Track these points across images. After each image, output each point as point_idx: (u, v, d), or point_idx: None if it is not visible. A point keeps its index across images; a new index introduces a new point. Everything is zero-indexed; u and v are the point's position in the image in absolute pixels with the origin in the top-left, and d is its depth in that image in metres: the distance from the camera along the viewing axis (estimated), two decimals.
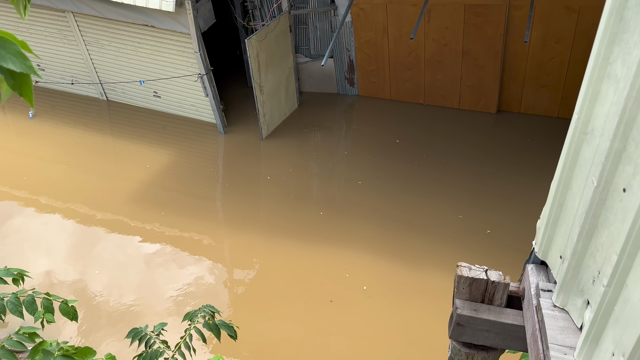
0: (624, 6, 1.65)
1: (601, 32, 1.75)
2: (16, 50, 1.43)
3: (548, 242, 2.22)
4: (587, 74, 1.83)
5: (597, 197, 1.75)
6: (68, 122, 9.79)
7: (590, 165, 1.84)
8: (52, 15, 9.48)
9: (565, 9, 8.39)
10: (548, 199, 2.15)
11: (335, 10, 9.41)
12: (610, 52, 1.73)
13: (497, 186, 8.16)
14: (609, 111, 1.72)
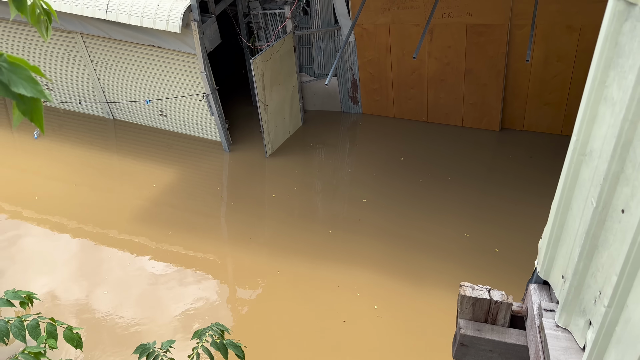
0: (619, 32, 1.70)
1: (597, 56, 1.79)
2: (27, 75, 1.48)
3: (550, 262, 2.24)
4: (585, 96, 1.87)
5: (597, 217, 1.77)
6: (75, 141, 9.89)
7: (589, 186, 1.86)
8: (61, 37, 9.65)
9: (567, 28, 8.48)
10: (549, 219, 2.17)
11: (338, 31, 9.54)
12: (606, 76, 1.77)
13: (503, 203, 8.16)
14: (607, 133, 1.76)
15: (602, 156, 1.79)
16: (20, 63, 1.48)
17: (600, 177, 1.77)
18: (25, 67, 1.49)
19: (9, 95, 1.49)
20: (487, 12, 8.59)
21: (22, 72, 1.46)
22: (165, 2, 8.13)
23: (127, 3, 8.28)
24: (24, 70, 1.47)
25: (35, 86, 1.48)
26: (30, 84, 1.47)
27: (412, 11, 8.88)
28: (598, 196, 1.77)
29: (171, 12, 8.01)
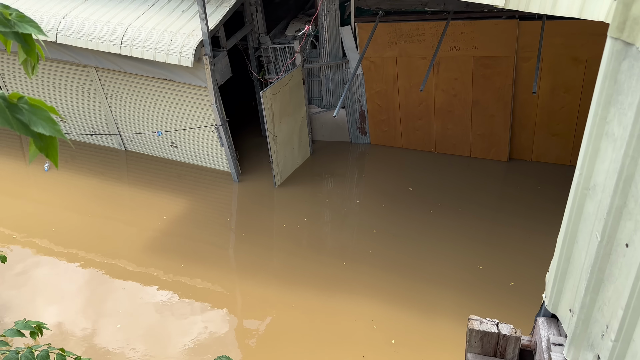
0: (617, 70, 1.75)
1: (597, 92, 1.84)
2: (46, 116, 1.57)
3: (557, 295, 2.24)
4: (587, 131, 1.91)
5: (602, 251, 1.78)
6: (87, 172, 10.03)
7: (594, 220, 1.88)
8: (76, 70, 9.91)
9: (573, 60, 8.58)
10: (555, 252, 2.18)
11: (346, 64, 9.72)
12: (607, 112, 1.81)
13: (515, 234, 8.10)
14: (609, 168, 1.79)
15: (605, 190, 1.82)
16: (39, 104, 1.57)
17: (603, 211, 1.79)
18: (44, 109, 1.58)
19: (28, 133, 1.58)
20: (493, 45, 8.73)
21: (41, 112, 1.55)
22: (178, 37, 8.36)
23: (140, 38, 8.52)
24: (43, 111, 1.55)
25: (53, 126, 1.57)
26: (48, 123, 1.56)
27: (418, 44, 9.04)
28: (602, 230, 1.79)
29: (184, 46, 8.23)
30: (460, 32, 8.72)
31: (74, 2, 9.57)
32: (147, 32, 8.55)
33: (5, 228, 8.78)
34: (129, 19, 8.88)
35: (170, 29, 8.53)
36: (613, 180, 1.74)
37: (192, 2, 9.04)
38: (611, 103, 1.82)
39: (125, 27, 8.72)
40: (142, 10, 9.06)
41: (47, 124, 1.55)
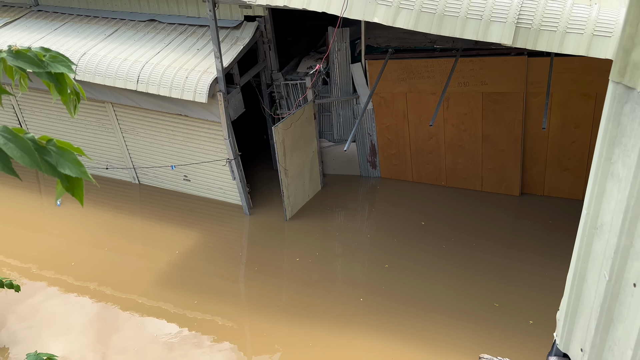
0: (620, 112, 1.80)
1: (601, 134, 1.88)
2: (73, 158, 1.64)
3: (568, 335, 2.23)
4: (592, 171, 1.94)
5: (610, 291, 1.79)
6: (101, 205, 10.17)
7: (602, 259, 1.90)
8: (93, 106, 10.17)
9: (582, 95, 8.65)
10: (565, 291, 2.18)
11: (357, 99, 9.87)
12: (611, 153, 1.85)
13: (530, 270, 8.00)
14: (615, 208, 1.81)
15: (612, 230, 1.84)
16: (66, 147, 1.65)
17: (611, 250, 1.81)
18: (71, 151, 1.66)
19: (56, 174, 1.65)
20: (502, 81, 8.84)
21: (68, 155, 1.63)
22: (193, 74, 8.59)
23: (157, 75, 8.76)
24: (70, 154, 1.63)
25: (79, 168, 1.64)
26: (75, 165, 1.63)
27: (428, 80, 9.18)
28: (610, 269, 1.80)
29: (199, 83, 8.44)
30: (469, 68, 8.86)
31: (93, 40, 9.91)
32: (163, 70, 8.80)
33: (19, 260, 8.88)
34: (146, 57, 9.16)
35: (185, 67, 8.78)
36: (619, 220, 1.77)
37: (207, 40, 9.32)
38: (615, 144, 1.86)
39: (142, 64, 8.98)
40: (159, 49, 9.35)
41: (73, 166, 1.62)
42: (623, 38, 1.76)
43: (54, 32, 10.44)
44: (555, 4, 5.68)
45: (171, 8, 10.15)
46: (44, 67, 1.64)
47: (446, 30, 5.77)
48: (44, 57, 1.66)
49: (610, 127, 1.86)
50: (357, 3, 6.15)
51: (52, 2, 11.28)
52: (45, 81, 1.71)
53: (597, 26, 5.47)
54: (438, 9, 5.75)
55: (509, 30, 5.63)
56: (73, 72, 1.68)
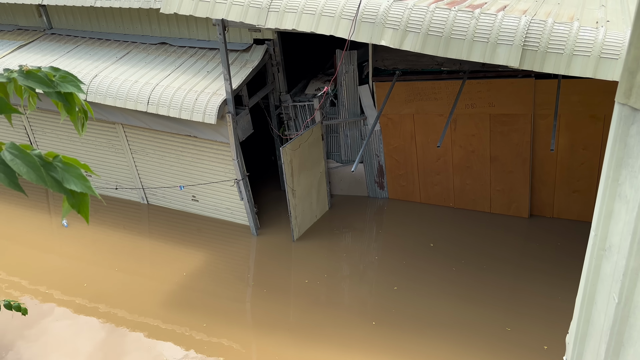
0: (626, 134, 1.80)
1: (608, 155, 1.88)
2: (78, 173, 1.66)
3: (578, 358, 2.19)
4: (600, 193, 1.94)
5: (620, 313, 1.77)
6: (110, 225, 10.22)
7: (611, 281, 1.88)
8: (104, 127, 10.30)
9: (590, 117, 8.64)
10: (574, 314, 2.16)
11: (364, 120, 9.93)
12: (618, 174, 1.85)
13: (543, 293, 7.88)
14: (623, 230, 1.80)
15: (621, 252, 1.82)
16: (72, 162, 1.67)
17: (620, 272, 1.79)
18: (77, 166, 1.67)
19: (62, 190, 1.66)
20: (509, 103, 8.86)
21: (74, 170, 1.64)
22: (202, 96, 8.70)
23: (167, 97, 8.88)
24: (76, 169, 1.64)
25: (84, 183, 1.66)
26: (80, 180, 1.64)
27: (435, 102, 9.23)
28: (619, 292, 1.78)
29: (208, 105, 8.54)
30: (477, 90, 8.90)
31: (105, 62, 10.09)
32: (173, 91, 8.92)
33: (28, 280, 8.91)
34: (156, 79, 9.30)
35: (195, 89, 8.89)
36: (627, 242, 1.76)
37: (217, 63, 9.46)
38: (622, 165, 1.86)
39: (153, 86, 9.12)
40: (170, 71, 9.50)
41: (78, 181, 1.63)
42: (628, 60, 1.77)
43: (67, 54, 10.65)
44: (561, 26, 5.72)
45: (182, 31, 10.34)
46: (54, 87, 1.67)
47: (453, 53, 5.82)
48: (54, 77, 1.70)
49: (617, 149, 1.86)
50: (365, 26, 6.23)
51: (65, 26, 11.54)
52: (55, 100, 1.74)
53: (604, 48, 5.49)
54: (445, 31, 5.81)
55: (515, 53, 5.67)
56: (82, 92, 1.72)
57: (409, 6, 6.09)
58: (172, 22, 10.34)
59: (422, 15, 5.97)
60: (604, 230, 1.97)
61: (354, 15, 6.31)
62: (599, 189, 1.97)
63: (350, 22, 6.32)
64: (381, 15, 6.13)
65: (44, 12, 11.51)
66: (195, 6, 7.22)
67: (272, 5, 6.76)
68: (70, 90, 1.70)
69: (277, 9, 6.72)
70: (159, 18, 10.38)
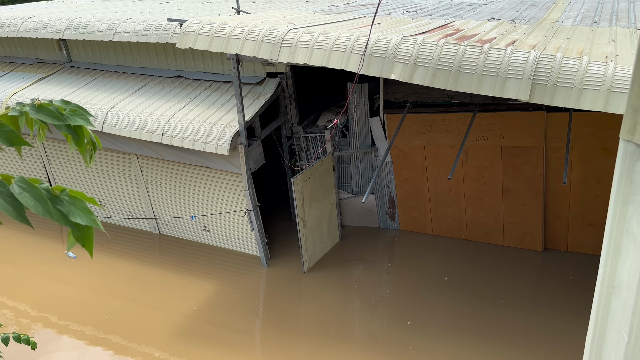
0: (632, 170, 1.79)
1: (614, 191, 1.88)
2: (84, 207, 1.69)
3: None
4: (607, 229, 1.92)
5: (630, 353, 1.73)
6: (121, 255, 10.27)
7: (621, 320, 1.85)
8: (118, 157, 10.47)
9: (603, 150, 8.59)
10: (585, 352, 2.11)
11: (375, 152, 9.98)
12: (625, 211, 1.84)
13: (560, 330, 7.70)
14: (631, 267, 1.78)
15: (630, 289, 1.80)
16: (78, 196, 1.70)
17: (629, 310, 1.77)
18: (83, 200, 1.71)
19: (67, 223, 1.70)
20: (521, 135, 8.86)
21: (79, 204, 1.68)
22: (216, 127, 8.83)
23: (181, 128, 9.03)
24: (82, 202, 1.68)
25: (89, 216, 1.69)
26: (85, 214, 1.67)
27: (446, 134, 9.26)
28: (629, 330, 1.75)
29: (221, 136, 8.66)
30: (488, 122, 8.93)
31: (121, 94, 10.33)
32: (187, 123, 9.08)
33: (36, 309, 8.93)
34: (171, 111, 9.48)
35: (209, 120, 9.04)
36: (636, 280, 1.73)
37: (231, 95, 9.64)
38: (629, 202, 1.85)
39: (168, 118, 9.29)
40: (184, 103, 9.69)
41: (84, 214, 1.67)
42: (631, 97, 1.79)
43: (85, 86, 10.93)
44: (571, 61, 5.76)
45: (197, 65, 10.59)
46: (64, 120, 1.73)
47: (462, 87, 5.88)
48: (64, 111, 1.76)
49: (623, 185, 1.85)
50: (375, 61, 6.34)
51: (84, 59, 11.88)
52: (65, 133, 1.80)
53: (614, 82, 5.50)
54: (454, 66, 5.88)
55: (525, 87, 5.70)
56: (91, 125, 1.78)
57: (418, 41, 6.20)
58: (188, 56, 10.61)
59: (432, 50, 6.06)
60: (612, 267, 1.95)
61: (364, 50, 6.43)
62: (606, 225, 1.96)
63: (360, 56, 6.43)
64: (391, 50, 6.24)
65: (64, 46, 11.88)
66: (210, 41, 7.41)
67: (285, 41, 6.91)
68: (79, 124, 1.76)
69: (290, 44, 6.87)
70: (175, 52, 10.65)
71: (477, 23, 7.76)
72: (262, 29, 7.13)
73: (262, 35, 7.06)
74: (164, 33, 9.89)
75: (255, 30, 7.15)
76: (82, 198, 1.63)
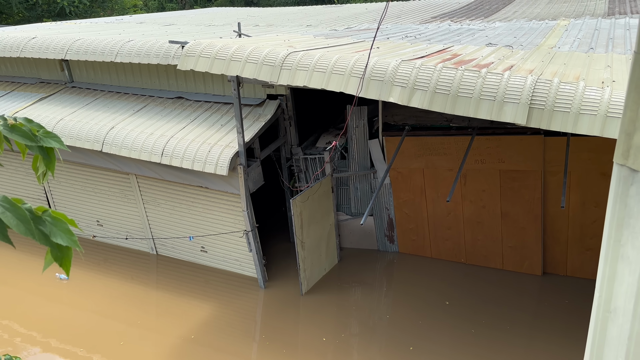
0: (626, 194, 1.80)
1: (609, 216, 1.88)
2: (65, 228, 1.72)
3: None
4: (602, 253, 1.92)
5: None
6: (117, 275, 10.20)
7: (617, 345, 1.83)
8: (117, 177, 10.49)
9: (601, 175, 8.61)
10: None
11: (374, 174, 10.00)
12: (620, 235, 1.84)
13: (561, 357, 7.61)
14: (627, 291, 1.77)
15: (626, 314, 1.79)
16: (60, 217, 1.74)
17: (625, 335, 1.75)
18: (64, 221, 1.74)
19: (48, 243, 1.73)
20: (519, 159, 8.89)
21: (61, 225, 1.71)
22: (215, 148, 8.87)
23: (181, 149, 9.07)
24: (63, 224, 1.71)
25: (70, 237, 1.72)
26: (66, 235, 1.71)
27: (444, 157, 9.29)
28: (625, 356, 1.73)
29: (220, 157, 8.69)
30: (486, 146, 8.97)
31: (122, 115, 10.39)
32: (187, 144, 9.11)
33: (25, 328, 8.83)
34: (171, 132, 9.53)
35: (209, 141, 9.08)
36: (631, 305, 1.72)
37: (231, 117, 9.70)
38: (624, 226, 1.85)
39: (167, 138, 9.33)
40: (185, 124, 9.75)
41: (65, 235, 1.71)
42: (624, 122, 1.80)
43: (86, 106, 11.00)
44: (567, 86, 5.82)
45: (198, 86, 10.68)
46: (37, 142, 1.78)
47: (460, 110, 5.92)
48: (38, 132, 1.81)
49: (617, 209, 1.86)
50: (374, 84, 6.40)
51: (86, 79, 11.99)
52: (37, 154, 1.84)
53: (610, 107, 5.55)
54: (452, 89, 5.94)
55: (522, 111, 5.75)
56: (64, 147, 1.85)
57: (416, 65, 6.27)
58: (189, 78, 10.71)
59: (430, 74, 6.13)
60: (608, 292, 1.94)
61: (363, 73, 6.50)
62: (601, 249, 1.96)
63: (359, 79, 6.50)
64: (390, 73, 6.31)
65: (66, 67, 12.01)
66: (212, 63, 7.49)
67: (285, 63, 6.99)
68: (52, 145, 1.82)
69: (290, 67, 6.94)
70: (177, 73, 10.76)
71: (475, 48, 7.85)
72: (263, 51, 7.21)
73: (263, 58, 7.14)
74: (165, 55, 10.00)
75: (256, 53, 7.23)
76: (63, 219, 1.66)
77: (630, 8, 13.57)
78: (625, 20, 11.27)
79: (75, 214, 11.44)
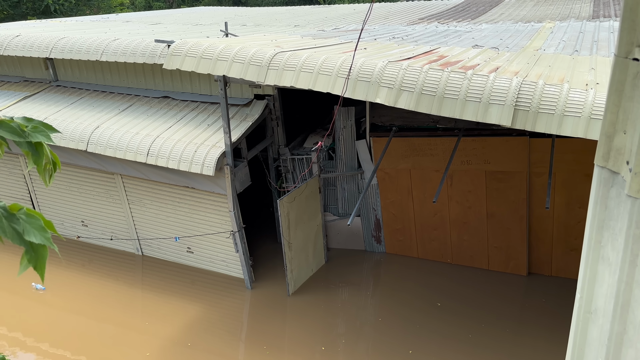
0: (607, 196, 1.81)
1: (590, 217, 1.89)
2: (39, 225, 1.65)
3: None
4: (583, 254, 1.93)
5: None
6: (102, 276, 10.09)
7: (598, 346, 1.84)
8: (102, 177, 10.38)
9: (585, 176, 8.71)
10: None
11: (362, 174, 10.01)
12: (600, 237, 1.85)
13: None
14: (607, 292, 1.79)
15: (606, 315, 1.80)
16: (35, 214, 1.67)
17: (605, 337, 1.76)
18: (39, 218, 1.67)
19: (21, 242, 1.65)
20: (504, 160, 8.96)
21: (35, 222, 1.64)
22: (202, 148, 8.81)
23: (167, 148, 9.00)
24: (37, 221, 1.64)
25: (44, 234, 1.64)
26: (40, 232, 1.63)
27: (431, 158, 9.34)
28: (605, 357, 1.74)
29: (207, 157, 8.64)
30: (472, 147, 9.02)
31: (107, 114, 10.29)
32: (173, 143, 9.05)
33: (11, 331, 8.70)
34: (157, 131, 9.45)
35: (195, 141, 9.03)
36: (611, 305, 1.73)
37: (218, 117, 9.65)
38: (604, 227, 1.87)
39: (153, 138, 9.26)
40: (171, 123, 9.68)
41: (38, 233, 1.62)
42: (605, 125, 1.82)
43: (70, 105, 10.88)
44: (552, 88, 5.87)
45: (185, 85, 10.62)
46: (25, 137, 1.72)
47: (446, 111, 5.95)
48: (26, 128, 1.74)
49: (598, 211, 1.87)
50: (361, 84, 6.40)
51: (71, 78, 11.86)
52: (25, 150, 1.77)
53: (593, 109, 5.61)
54: (438, 91, 5.96)
55: (507, 112, 5.79)
56: (50, 141, 1.76)
57: (403, 67, 6.28)
58: (175, 77, 10.64)
59: (416, 76, 6.15)
60: (589, 293, 1.95)
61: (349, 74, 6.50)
62: (582, 251, 1.97)
63: (346, 80, 6.50)
64: (376, 74, 6.32)
65: (50, 65, 11.86)
66: (198, 63, 7.45)
67: (272, 63, 6.97)
68: (39, 140, 1.74)
69: (277, 67, 6.92)
70: (163, 73, 10.68)
71: (461, 50, 7.90)
72: (250, 51, 7.19)
73: (250, 58, 7.11)
74: (151, 54, 9.92)
75: (242, 53, 7.20)
76: (38, 217, 1.60)
77: (614, 11, 13.74)
78: (609, 23, 11.41)
79: (60, 214, 11.31)
